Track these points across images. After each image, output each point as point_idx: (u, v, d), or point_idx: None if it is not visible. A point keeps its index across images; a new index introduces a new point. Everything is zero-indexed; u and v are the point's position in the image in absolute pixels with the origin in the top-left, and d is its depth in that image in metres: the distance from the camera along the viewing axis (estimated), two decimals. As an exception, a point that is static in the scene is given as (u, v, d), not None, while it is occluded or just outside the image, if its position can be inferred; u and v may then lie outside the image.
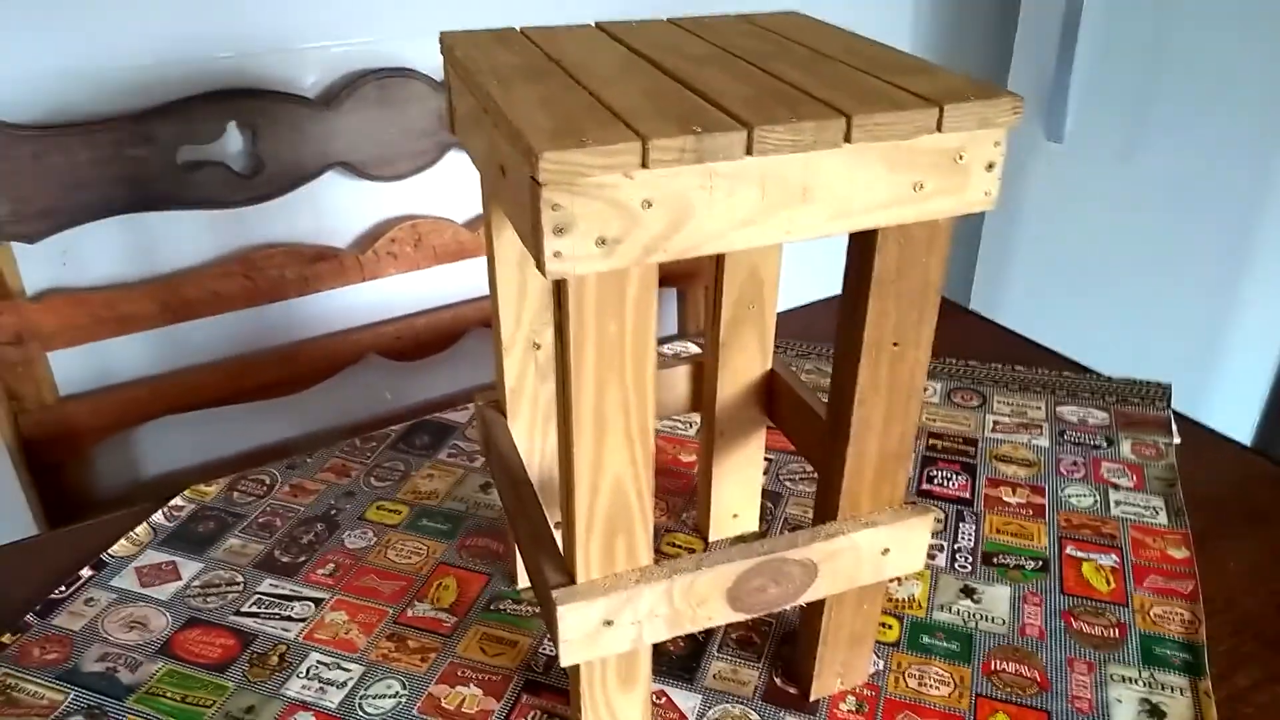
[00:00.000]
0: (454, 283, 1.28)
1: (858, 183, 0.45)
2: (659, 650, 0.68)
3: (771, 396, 0.72)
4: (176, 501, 0.81)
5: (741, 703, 0.64)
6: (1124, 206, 1.37)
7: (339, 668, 0.66)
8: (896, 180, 0.46)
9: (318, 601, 0.72)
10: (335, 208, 1.18)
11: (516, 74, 0.50)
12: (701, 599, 0.55)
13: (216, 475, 0.85)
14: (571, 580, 0.53)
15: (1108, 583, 0.74)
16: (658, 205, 0.42)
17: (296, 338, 1.22)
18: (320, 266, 1.17)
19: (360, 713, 0.63)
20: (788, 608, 0.58)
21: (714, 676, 0.66)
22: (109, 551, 0.76)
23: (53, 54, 0.97)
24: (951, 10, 1.55)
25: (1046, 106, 1.39)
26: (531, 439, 0.68)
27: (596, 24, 0.60)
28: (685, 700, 0.64)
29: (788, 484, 0.84)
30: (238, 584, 0.73)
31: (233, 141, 1.08)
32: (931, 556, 0.76)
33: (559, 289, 0.45)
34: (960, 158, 0.47)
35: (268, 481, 0.84)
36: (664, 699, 0.64)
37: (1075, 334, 1.45)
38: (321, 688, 0.65)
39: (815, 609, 0.61)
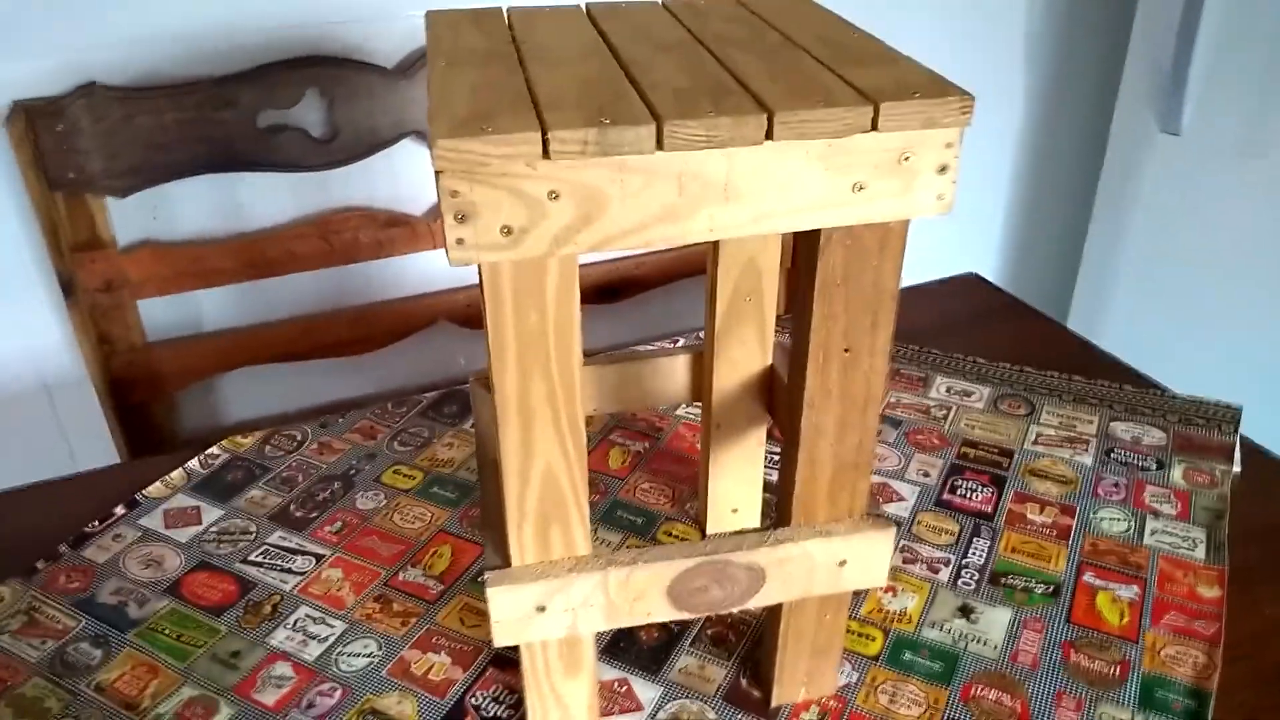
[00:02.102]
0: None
1: (787, 181, 0.44)
2: (631, 638, 0.68)
3: (772, 392, 0.71)
4: (213, 450, 0.86)
5: (702, 700, 0.63)
6: (1244, 207, 1.26)
7: (324, 623, 0.69)
8: (833, 180, 0.44)
9: (319, 557, 0.75)
10: (410, 175, 1.21)
11: (470, 57, 0.50)
12: (638, 594, 0.54)
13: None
14: (508, 563, 0.53)
15: (1121, 616, 0.69)
16: (566, 197, 0.42)
17: (370, 300, 1.27)
18: (394, 232, 1.21)
19: (334, 669, 0.66)
20: (751, 609, 0.57)
21: (680, 670, 0.65)
22: (143, 492, 0.81)
23: (144, 19, 1.03)
24: (1071, -9, 1.45)
25: (1163, 93, 1.29)
26: (517, 418, 0.69)
27: (586, 6, 0.59)
28: (646, 691, 0.64)
29: (801, 481, 0.82)
30: (250, 533, 0.77)
31: (311, 107, 1.12)
32: (935, 570, 0.73)
33: (481, 275, 0.45)
34: (905, 159, 0.44)
35: (299, 438, 0.88)
36: (625, 687, 0.64)
37: (1183, 344, 1.35)
38: (304, 640, 0.68)
39: (776, 614, 0.60)
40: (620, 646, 0.67)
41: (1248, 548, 0.75)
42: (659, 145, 0.41)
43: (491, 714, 0.63)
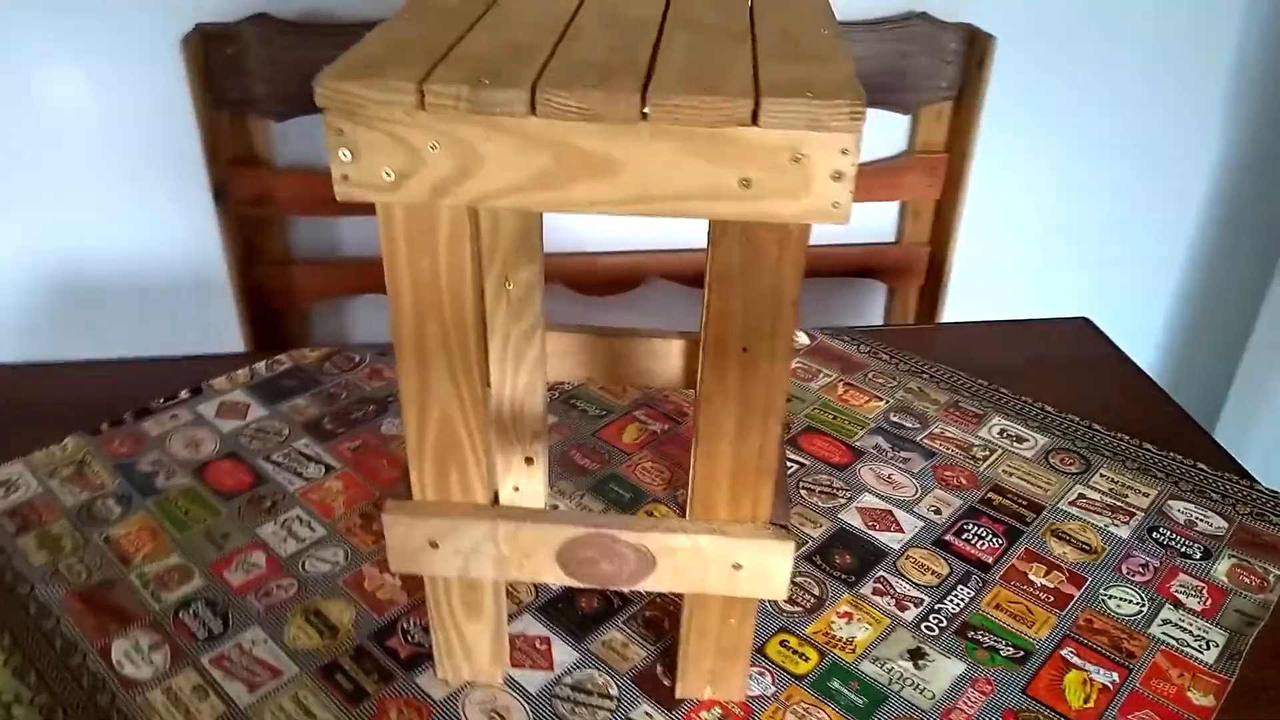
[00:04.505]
0: (641, 230, 1.31)
1: (667, 167, 0.43)
2: (570, 601, 0.69)
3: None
4: (280, 358, 0.94)
5: (611, 675, 0.64)
6: None
7: (309, 527, 0.75)
8: (717, 172, 0.43)
9: (329, 468, 0.81)
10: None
11: (431, 13, 0.52)
12: (527, 552, 0.56)
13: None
14: (410, 497, 0.56)
15: (1085, 699, 0.63)
16: (444, 149, 0.44)
17: (492, 250, 1.33)
18: (519, 189, 1.26)
19: (300, 570, 0.71)
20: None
21: (603, 643, 0.66)
22: (209, 382, 0.90)
23: (315, -38, 1.13)
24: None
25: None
26: (501, 373, 0.71)
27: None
28: (563, 654, 0.65)
29: (803, 493, 0.80)
30: (281, 435, 0.84)
31: (455, 61, 1.18)
32: (903, 608, 0.69)
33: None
34: (797, 159, 0.43)
35: (356, 360, 0.94)
36: (546, 646, 0.66)
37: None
38: (286, 538, 0.74)
39: (683, 606, 0.60)
40: (558, 607, 0.69)
41: (1269, 664, 0.66)
42: (533, 111, 0.42)
43: (416, 640, 0.66)
